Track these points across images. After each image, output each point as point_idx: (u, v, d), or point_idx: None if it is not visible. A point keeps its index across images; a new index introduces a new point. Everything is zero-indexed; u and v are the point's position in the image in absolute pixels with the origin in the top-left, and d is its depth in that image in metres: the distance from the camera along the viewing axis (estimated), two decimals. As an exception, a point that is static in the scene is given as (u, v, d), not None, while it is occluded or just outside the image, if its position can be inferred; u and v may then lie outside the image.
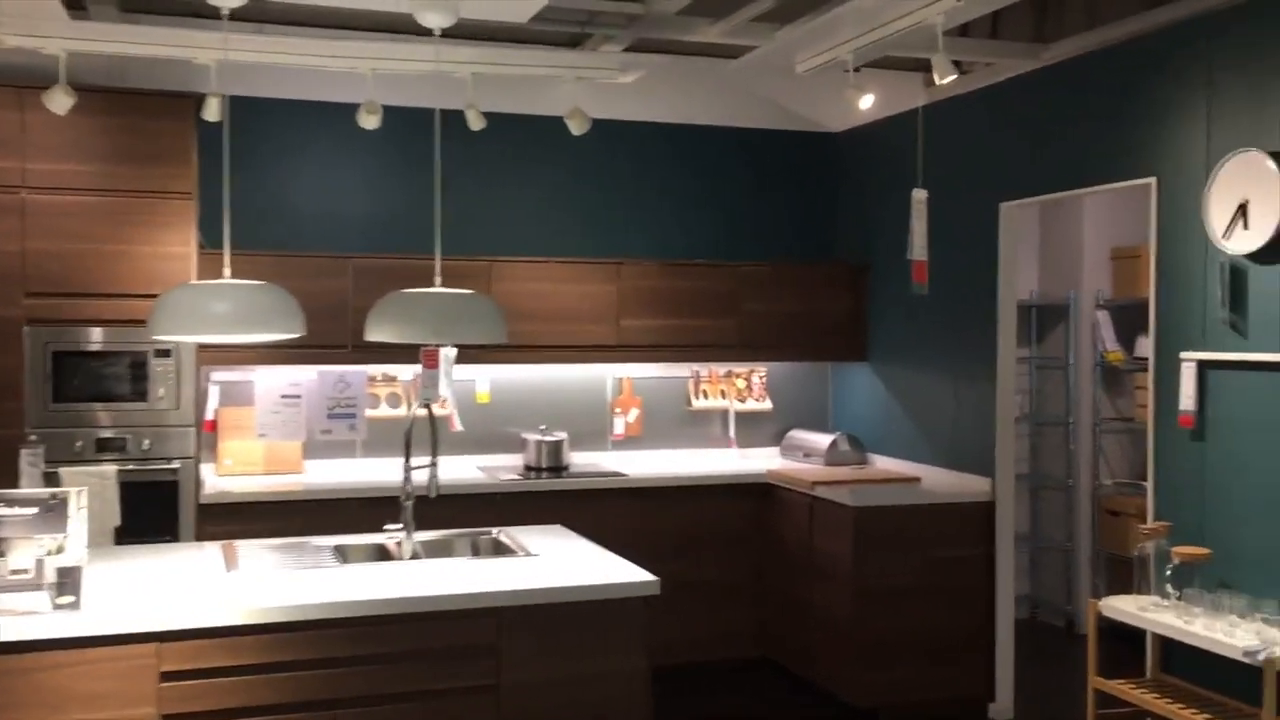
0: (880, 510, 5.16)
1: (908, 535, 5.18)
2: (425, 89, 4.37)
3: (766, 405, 6.42)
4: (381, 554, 3.91)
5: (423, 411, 3.85)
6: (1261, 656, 3.54)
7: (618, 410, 6.19)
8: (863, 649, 5.12)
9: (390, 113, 4.66)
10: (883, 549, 5.14)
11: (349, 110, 4.65)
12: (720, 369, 6.35)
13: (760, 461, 6.23)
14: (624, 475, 5.74)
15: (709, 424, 6.40)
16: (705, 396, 6.34)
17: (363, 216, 5.84)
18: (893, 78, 5.61)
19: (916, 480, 5.63)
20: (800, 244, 6.53)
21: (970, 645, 5.26)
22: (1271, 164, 3.82)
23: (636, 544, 5.44)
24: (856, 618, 5.11)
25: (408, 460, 3.77)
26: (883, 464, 6.03)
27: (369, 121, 4.58)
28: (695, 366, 6.29)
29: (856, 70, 5.09)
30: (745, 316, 6.06)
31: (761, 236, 6.46)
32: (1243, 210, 3.91)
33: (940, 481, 5.52)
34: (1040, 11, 4.93)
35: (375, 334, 3.61)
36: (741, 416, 6.40)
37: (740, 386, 6.38)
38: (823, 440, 6.12)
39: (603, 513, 5.48)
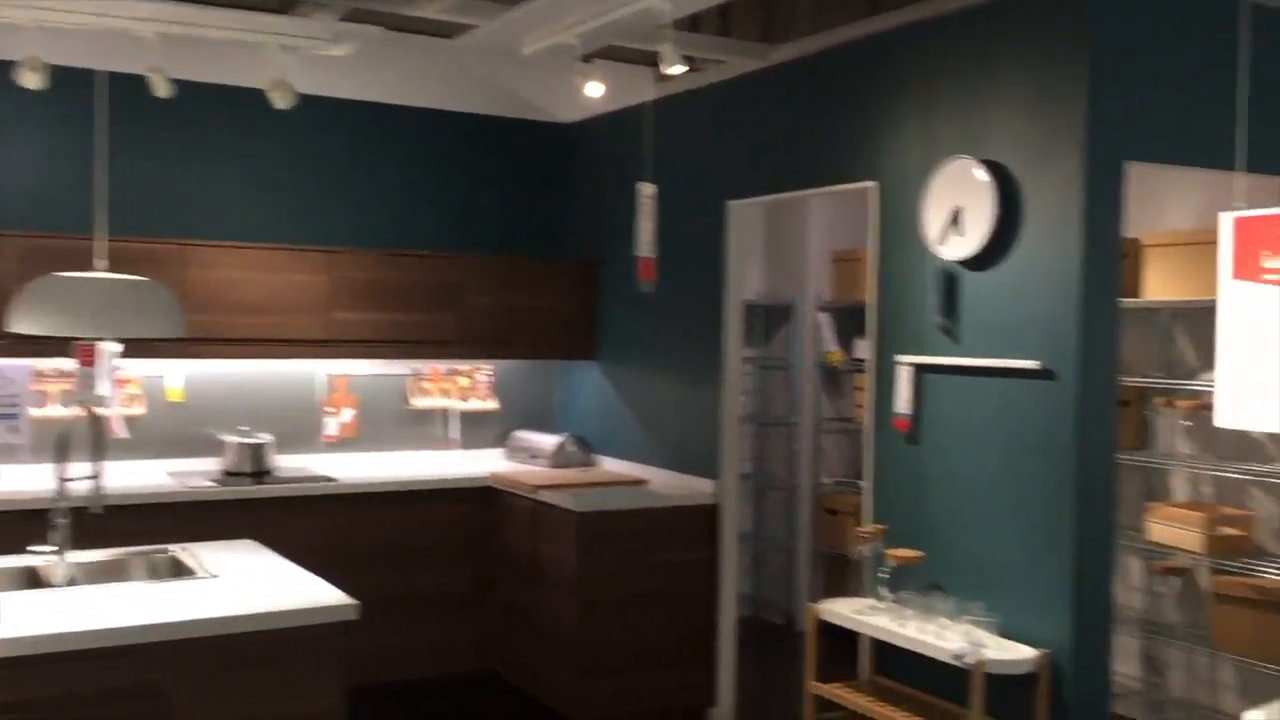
0: (605, 514, 4.99)
1: (633, 539, 5.04)
2: (106, 48, 3.84)
3: (492, 404, 6.14)
4: (31, 580, 3.37)
5: (83, 413, 3.34)
6: (969, 659, 3.58)
7: (330, 410, 5.75)
8: (587, 659, 4.93)
9: (66, 74, 4.08)
10: (608, 554, 4.98)
11: (6, 67, 4.04)
12: (442, 366, 6.02)
13: (484, 463, 5.96)
14: (335, 480, 5.32)
15: (430, 424, 6.06)
16: (426, 395, 6.00)
17: (33, 190, 5.14)
18: (624, 70, 5.45)
19: (643, 482, 5.50)
20: (528, 237, 6.29)
21: (694, 650, 5.18)
22: (981, 172, 3.89)
23: (348, 554, 5.10)
24: (580, 626, 4.92)
25: (61, 470, 3.25)
26: (610, 466, 5.88)
27: (30, 80, 3.99)
28: (415, 363, 5.94)
29: (586, 59, 4.91)
30: (469, 311, 5.77)
31: (487, 228, 6.17)
32: (956, 217, 3.96)
33: (667, 484, 5.42)
34: (768, 12, 4.89)
35: (22, 324, 3.09)
36: (465, 416, 6.10)
37: (464, 385, 6.08)
38: (549, 441, 5.91)
39: (311, 521, 5.09)
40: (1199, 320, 4.97)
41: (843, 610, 4.17)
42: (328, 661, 3.05)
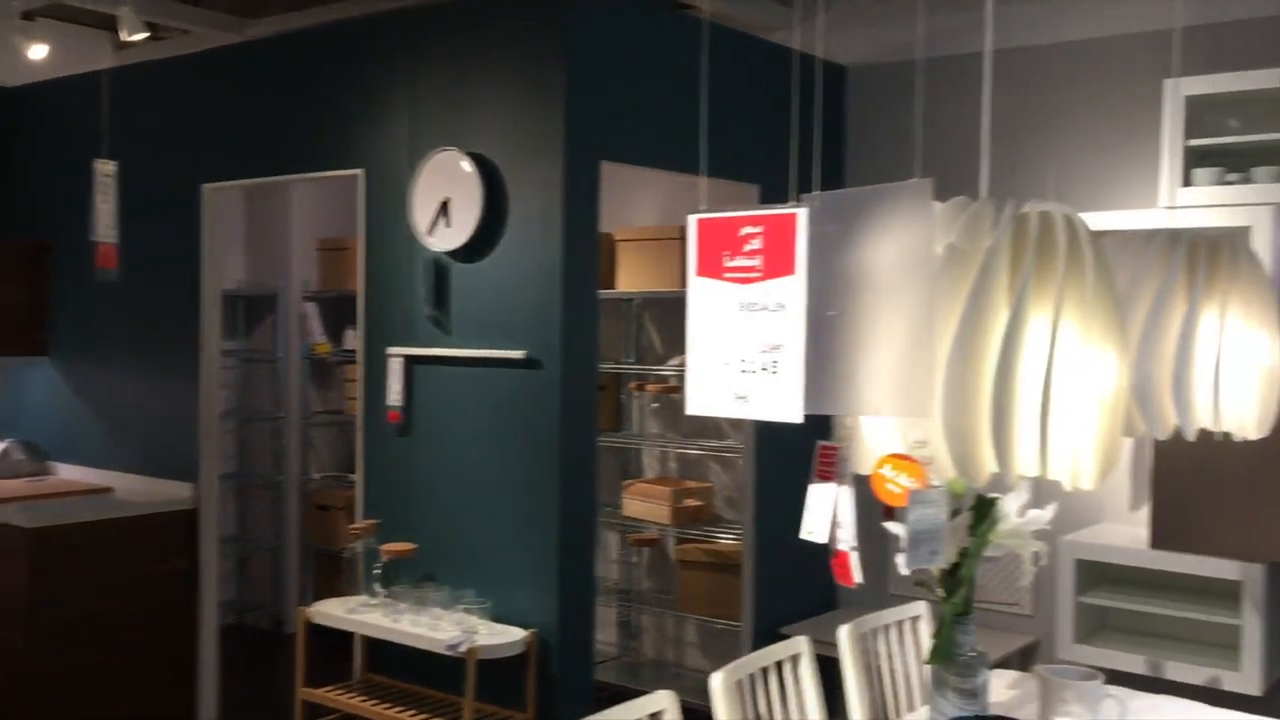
0: (63, 529, 4.47)
1: (97, 554, 4.56)
2: None
3: (-86, 410, 5.26)
4: None
5: None
6: (463, 648, 3.61)
7: None
8: (42, 693, 4.38)
9: None
10: (66, 574, 4.46)
11: None
12: None
13: (-95, 480, 5.10)
14: None
15: None
16: None
17: None
18: (76, 32, 4.87)
19: (108, 490, 5.00)
20: (-41, 215, 5.46)
21: (171, 667, 4.79)
22: (468, 164, 3.93)
23: None
24: (33, 657, 4.37)
25: None
26: (69, 474, 5.28)
27: None
28: None
29: (29, 17, 4.33)
30: (-120, 301, 4.90)
31: (-96, 203, 5.28)
32: (445, 208, 3.98)
33: (137, 490, 4.95)
34: (234, -20, 4.60)
35: None
36: (-122, 425, 5.18)
37: (-124, 388, 5.15)
38: (-10, 450, 5.18)
39: None
40: (664, 310, 5.42)
41: (334, 610, 4.05)
42: None
